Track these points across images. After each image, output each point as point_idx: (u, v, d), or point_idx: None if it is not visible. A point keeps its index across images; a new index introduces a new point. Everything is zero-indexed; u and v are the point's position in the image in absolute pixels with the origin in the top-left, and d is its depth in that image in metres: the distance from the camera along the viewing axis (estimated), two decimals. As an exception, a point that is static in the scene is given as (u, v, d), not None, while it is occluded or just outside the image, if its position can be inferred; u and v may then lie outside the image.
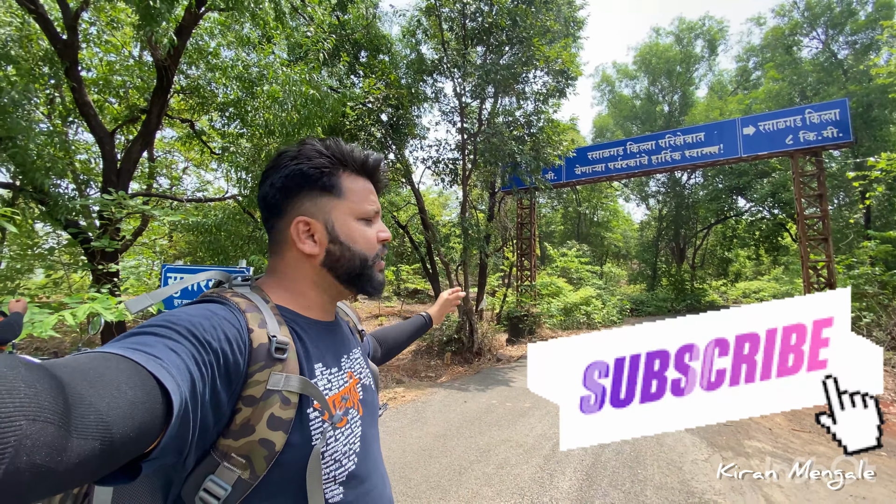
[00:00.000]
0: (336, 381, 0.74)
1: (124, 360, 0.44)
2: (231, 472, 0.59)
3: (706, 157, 11.60)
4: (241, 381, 0.60)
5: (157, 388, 0.44)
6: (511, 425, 4.65)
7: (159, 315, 0.58)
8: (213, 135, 9.49)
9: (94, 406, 0.36)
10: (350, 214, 0.76)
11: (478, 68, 9.43)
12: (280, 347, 0.65)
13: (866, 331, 8.94)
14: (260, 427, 0.60)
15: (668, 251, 27.32)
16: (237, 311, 0.65)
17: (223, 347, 0.58)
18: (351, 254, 0.76)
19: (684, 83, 23.18)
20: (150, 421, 0.42)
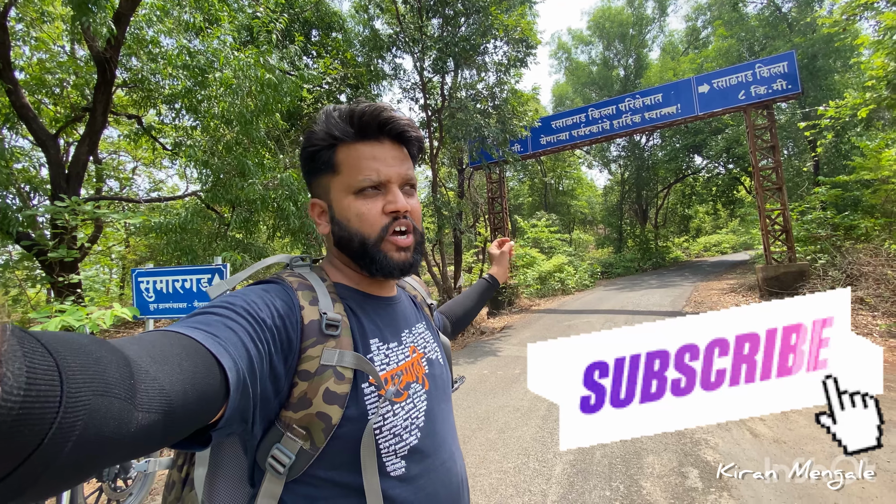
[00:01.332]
0: (395, 355, 0.74)
1: (186, 338, 0.47)
2: (294, 442, 0.62)
3: (665, 118, 11.87)
4: (295, 356, 0.63)
5: (215, 365, 0.46)
6: (505, 392, 4.76)
7: (219, 296, 0.62)
8: (165, 130, 8.97)
9: (158, 381, 0.38)
10: (343, 190, 0.73)
11: (436, 41, 9.23)
12: (331, 324, 0.66)
13: (822, 271, 9.58)
14: (316, 400, 0.62)
15: (632, 213, 28.16)
16: (290, 289, 0.67)
17: (277, 324, 0.60)
18: (348, 234, 0.73)
19: (638, 46, 23.48)
20: (210, 395, 0.44)
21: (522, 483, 2.78)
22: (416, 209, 0.76)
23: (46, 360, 0.28)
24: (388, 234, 0.73)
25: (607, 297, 13.43)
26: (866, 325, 7.03)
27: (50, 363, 0.29)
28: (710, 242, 31.93)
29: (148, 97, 7.92)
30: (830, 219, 10.74)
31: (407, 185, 0.75)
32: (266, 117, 6.80)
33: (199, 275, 4.33)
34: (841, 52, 13.37)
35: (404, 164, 0.75)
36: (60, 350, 0.30)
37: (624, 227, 26.34)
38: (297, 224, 6.76)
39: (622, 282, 17.80)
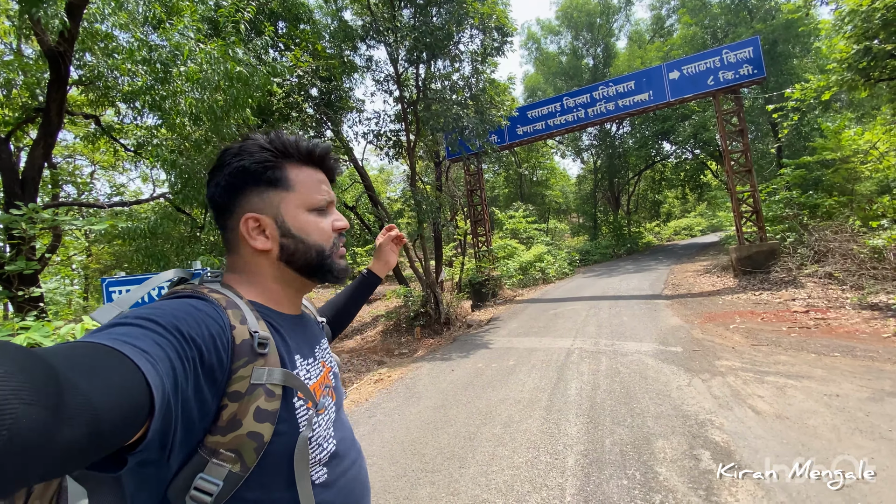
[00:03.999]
0: (314, 370, 0.77)
1: (113, 351, 0.45)
2: (221, 468, 0.59)
3: (638, 105, 12.04)
4: (225, 378, 0.61)
5: (143, 381, 0.45)
6: (503, 384, 4.71)
7: (143, 307, 0.58)
8: (126, 130, 8.46)
9: (85, 394, 0.37)
10: (300, 206, 0.76)
11: (410, 31, 9.02)
12: (262, 342, 0.66)
13: (792, 249, 9.95)
14: (247, 421, 0.61)
15: (605, 201, 28.67)
16: (219, 307, 0.65)
17: (206, 344, 0.58)
18: (305, 246, 0.76)
19: (605, 35, 23.76)
20: (135, 412, 0.43)
21: (538, 478, 2.72)
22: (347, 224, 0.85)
23: None
24: (334, 247, 0.80)
25: (588, 283, 13.61)
26: (837, 299, 7.31)
27: None
28: (679, 226, 32.90)
29: (105, 95, 7.43)
30: (796, 199, 11.18)
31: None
32: (236, 112, 6.47)
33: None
34: (800, 37, 13.88)
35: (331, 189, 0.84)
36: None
37: (598, 214, 26.79)
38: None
39: (600, 268, 18.10)
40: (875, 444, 2.60)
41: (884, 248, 8.02)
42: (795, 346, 4.98)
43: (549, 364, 5.29)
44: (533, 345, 6.41)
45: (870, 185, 10.90)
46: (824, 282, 8.56)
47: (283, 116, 10.26)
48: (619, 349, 5.62)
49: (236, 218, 0.76)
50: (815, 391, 3.53)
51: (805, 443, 2.73)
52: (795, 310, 6.84)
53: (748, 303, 8.01)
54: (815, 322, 6.00)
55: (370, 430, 3.96)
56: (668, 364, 4.80)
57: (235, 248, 0.77)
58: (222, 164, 0.75)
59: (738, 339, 5.54)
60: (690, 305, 8.39)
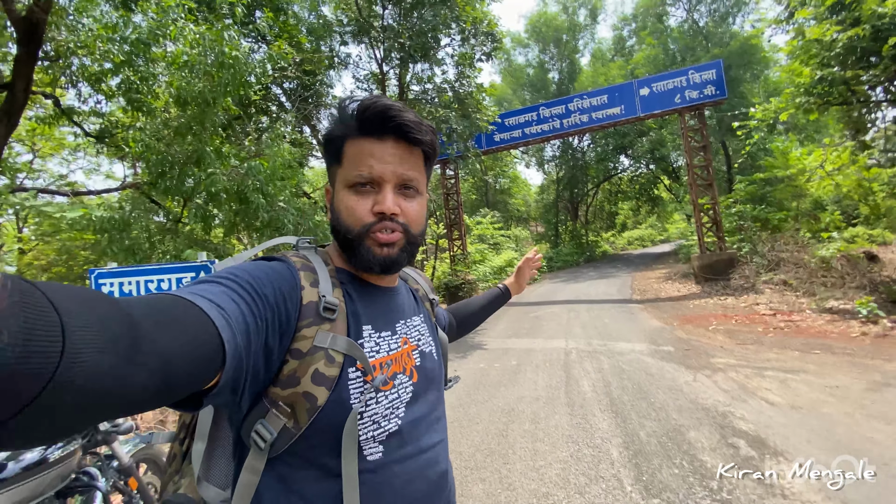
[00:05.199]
0: (386, 344, 0.74)
1: (191, 304, 0.48)
2: (277, 420, 0.62)
3: (610, 118, 12.60)
4: (290, 335, 0.63)
5: (216, 334, 0.48)
6: (513, 383, 4.71)
7: (227, 268, 0.63)
8: (89, 115, 7.72)
9: (159, 344, 0.39)
10: (342, 182, 0.73)
11: (398, 33, 8.95)
12: (329, 307, 0.67)
13: (748, 258, 10.74)
14: (304, 380, 0.63)
15: (565, 211, 29.72)
16: (293, 268, 0.68)
17: (278, 302, 0.62)
18: (339, 224, 0.73)
19: (571, 51, 24.75)
20: (207, 362, 0.46)
21: (589, 470, 2.72)
22: (411, 210, 0.74)
23: (49, 316, 0.29)
24: (370, 232, 0.72)
25: (558, 288, 13.98)
26: (794, 303, 7.95)
27: (53, 319, 0.29)
28: (633, 237, 34.61)
29: (67, 73, 6.77)
30: (749, 212, 12.10)
31: (405, 185, 0.74)
32: (224, 100, 6.11)
33: (179, 273, 3.77)
34: (751, 64, 15.11)
35: (405, 164, 0.73)
36: (66, 305, 0.31)
37: (559, 223, 27.67)
38: (267, 218, 6.16)
39: (565, 275, 18.65)
40: (892, 428, 2.83)
41: (831, 259, 8.83)
42: (778, 344, 5.35)
43: (553, 363, 5.35)
44: (528, 345, 6.47)
45: (808, 201, 12.02)
46: (780, 288, 9.29)
47: (260, 109, 9.82)
48: (614, 349, 5.79)
49: None
50: (816, 384, 3.80)
51: (828, 428, 2.93)
52: (763, 313, 7.36)
53: (717, 307, 8.52)
54: (784, 324, 6.48)
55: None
56: (667, 362, 5.00)
57: None
58: None
59: (722, 339, 5.88)
60: (664, 309, 8.81)
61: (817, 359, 4.56)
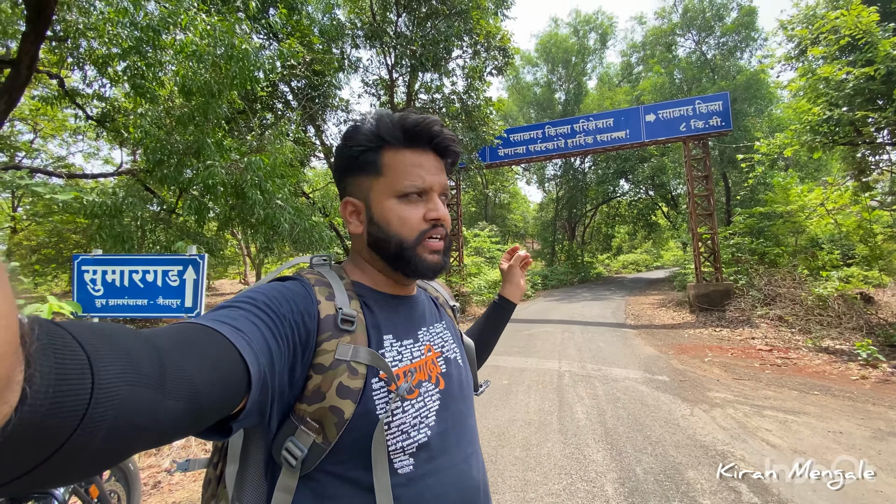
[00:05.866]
0: (408, 352, 0.74)
1: (212, 331, 0.48)
2: (307, 436, 0.63)
3: (615, 142, 12.62)
4: (311, 350, 0.63)
5: (239, 359, 0.48)
6: (504, 404, 4.55)
7: (242, 292, 0.63)
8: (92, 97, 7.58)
9: (186, 373, 0.39)
10: (386, 193, 0.74)
11: (410, 41, 8.93)
12: (347, 319, 0.67)
13: (745, 291, 10.69)
14: (330, 394, 0.63)
15: (562, 230, 29.78)
16: (307, 284, 0.69)
17: (296, 319, 0.62)
18: (386, 235, 0.74)
19: (579, 73, 25.02)
20: (233, 388, 0.46)
21: (583, 506, 2.57)
22: (447, 216, 0.78)
23: (77, 354, 0.30)
24: (423, 240, 0.74)
25: (551, 307, 13.86)
26: (790, 340, 7.87)
27: (81, 358, 0.30)
28: (627, 260, 34.68)
29: (74, 53, 6.66)
30: (747, 244, 12.10)
31: (443, 193, 0.78)
32: (230, 92, 6.01)
33: (166, 266, 3.62)
34: (756, 99, 15.27)
35: (443, 175, 0.78)
36: (93, 342, 0.32)
37: (556, 242, 27.68)
38: (262, 214, 6.01)
39: (559, 293, 18.56)
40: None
41: (828, 297, 8.78)
42: (775, 382, 5.24)
43: (545, 386, 5.20)
44: (520, 364, 6.32)
45: (805, 238, 12.05)
46: (776, 323, 9.22)
47: (266, 106, 9.73)
48: (608, 374, 5.65)
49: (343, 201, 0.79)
50: (818, 427, 3.67)
51: (834, 478, 2.80)
52: (760, 348, 7.27)
53: (712, 338, 8.42)
54: (781, 361, 6.38)
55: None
56: (663, 392, 4.87)
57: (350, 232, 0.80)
58: (338, 147, 0.78)
59: (718, 373, 5.76)
60: (658, 336, 8.70)
61: (817, 400, 4.44)
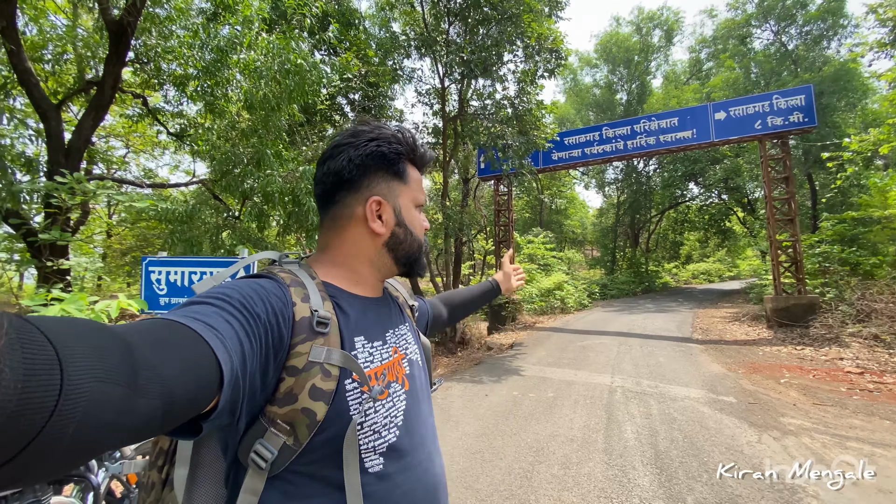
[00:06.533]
0: (378, 354, 0.74)
1: (185, 328, 0.47)
2: (277, 438, 0.62)
3: (680, 142, 11.83)
4: (285, 352, 0.63)
5: (212, 357, 0.47)
6: (547, 418, 4.37)
7: (217, 287, 0.62)
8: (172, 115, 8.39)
9: (158, 369, 0.39)
10: (411, 201, 0.80)
11: (460, 48, 8.97)
12: (321, 321, 0.67)
13: (833, 305, 9.53)
14: (302, 396, 0.62)
15: (624, 236, 28.35)
16: (283, 285, 0.68)
17: (270, 320, 0.61)
18: (412, 238, 0.80)
19: (642, 73, 23.83)
20: (205, 386, 0.45)
21: (621, 534, 2.38)
22: None
23: (46, 350, 0.29)
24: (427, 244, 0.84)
25: (609, 318, 13.21)
26: (886, 362, 6.90)
27: (50, 353, 0.29)
28: (698, 270, 32.33)
29: (157, 76, 7.39)
30: (836, 253, 10.78)
31: None
32: (289, 106, 6.36)
33: (221, 268, 3.85)
34: (846, 91, 13.68)
35: None
36: (62, 339, 0.31)
37: (616, 249, 26.44)
38: (316, 221, 6.29)
39: (619, 304, 17.67)
40: None
41: (938, 315, 7.60)
42: (864, 409, 4.59)
43: (594, 401, 4.93)
44: (569, 377, 6.05)
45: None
46: (870, 343, 8.12)
47: (325, 118, 10.21)
48: (666, 392, 5.25)
49: (360, 197, 0.77)
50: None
51: (932, 529, 2.38)
52: (848, 370, 6.42)
53: (791, 357, 7.58)
54: (874, 386, 5.59)
55: (408, 452, 3.64)
56: (727, 415, 4.43)
57: (340, 226, 0.78)
58: (358, 143, 0.77)
59: (795, 396, 5.15)
60: (728, 353, 7.98)
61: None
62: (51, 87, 7.34)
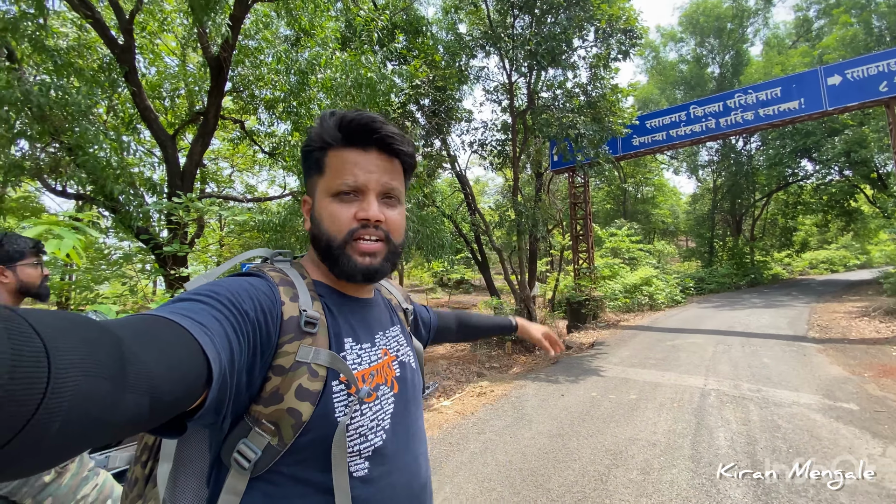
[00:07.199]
0: (367, 356, 0.73)
1: (174, 324, 0.47)
2: (261, 438, 0.61)
3: (784, 115, 10.49)
4: (272, 351, 0.62)
5: (200, 353, 0.46)
6: (628, 421, 4.15)
7: (207, 284, 0.62)
8: (262, 136, 9.32)
9: (146, 365, 0.38)
10: (324, 191, 0.74)
11: (526, 41, 8.79)
12: (310, 321, 0.66)
13: None
14: (288, 396, 0.62)
15: (723, 224, 25.65)
16: (272, 283, 0.67)
17: (258, 318, 0.60)
18: (320, 233, 0.74)
19: (737, 41, 21.36)
20: (193, 383, 0.45)
21: (704, 548, 2.22)
22: (393, 220, 0.75)
23: (34, 342, 0.29)
24: (353, 239, 0.72)
25: (706, 315, 12.10)
26: None
27: (38, 346, 0.29)
28: (817, 259, 28.29)
29: (251, 102, 8.26)
30: None
31: (387, 194, 0.75)
32: (362, 118, 6.76)
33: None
34: None
35: (387, 174, 0.75)
36: (50, 331, 0.31)
37: (715, 239, 24.05)
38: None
39: (718, 299, 16.09)
40: None
41: None
42: None
43: (682, 404, 4.59)
44: (655, 378, 5.68)
45: None
46: None
47: (397, 125, 10.66)
48: (770, 397, 4.71)
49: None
50: None
51: None
52: None
53: (938, 359, 6.37)
54: None
55: (481, 448, 3.69)
56: (845, 424, 3.87)
57: None
58: None
59: (940, 405, 4.34)
60: (852, 353, 6.92)
61: None
62: (169, 119, 8.55)
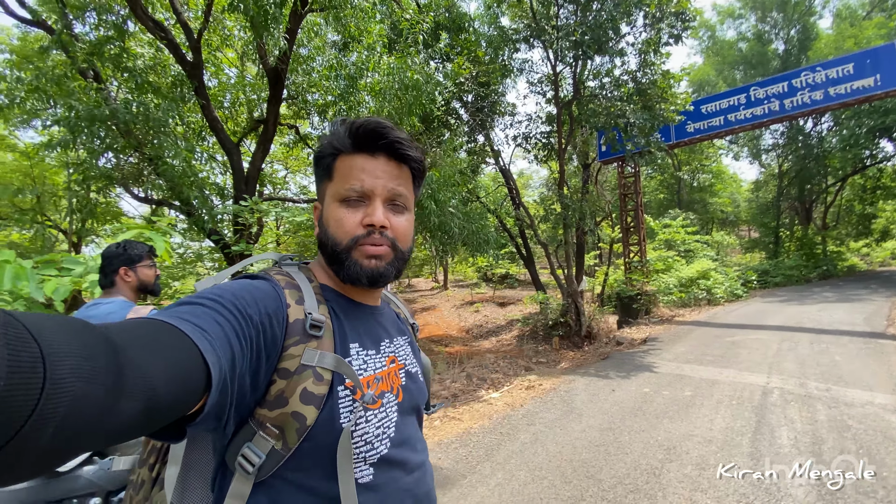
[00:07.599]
0: (373, 362, 0.73)
1: (174, 329, 0.46)
2: (266, 442, 0.61)
3: (858, 93, 9.67)
4: (277, 354, 0.62)
5: (200, 358, 0.46)
6: (682, 417, 4.08)
7: (209, 288, 0.61)
8: (314, 139, 9.80)
9: (144, 370, 0.38)
10: (332, 196, 0.74)
11: (572, 31, 8.62)
12: (315, 325, 0.66)
13: None
14: (293, 400, 0.61)
15: (791, 212, 23.81)
16: (278, 286, 0.67)
17: (263, 321, 0.60)
18: (327, 238, 0.74)
19: (803, 14, 19.70)
20: (192, 388, 0.45)
21: (763, 543, 2.20)
22: (399, 226, 0.75)
23: (30, 347, 0.29)
24: (358, 244, 0.72)
25: (770, 310, 11.38)
26: None
27: (34, 350, 0.29)
28: (901, 248, 25.64)
29: (304, 108, 8.69)
30: None
31: (394, 201, 0.75)
32: (408, 119, 6.94)
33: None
34: None
35: (394, 180, 0.75)
36: (47, 336, 0.30)
37: (781, 228, 22.42)
38: (437, 222, 6.78)
39: (784, 293, 15.05)
40: None
41: None
42: None
43: (741, 402, 4.43)
44: (711, 376, 5.50)
45: None
46: None
47: (442, 123, 10.79)
48: (840, 396, 4.45)
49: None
50: None
51: None
52: None
53: None
54: None
55: (531, 439, 3.78)
56: (926, 425, 3.60)
57: None
58: None
59: None
60: (941, 352, 6.32)
61: None
62: (231, 127, 9.18)
